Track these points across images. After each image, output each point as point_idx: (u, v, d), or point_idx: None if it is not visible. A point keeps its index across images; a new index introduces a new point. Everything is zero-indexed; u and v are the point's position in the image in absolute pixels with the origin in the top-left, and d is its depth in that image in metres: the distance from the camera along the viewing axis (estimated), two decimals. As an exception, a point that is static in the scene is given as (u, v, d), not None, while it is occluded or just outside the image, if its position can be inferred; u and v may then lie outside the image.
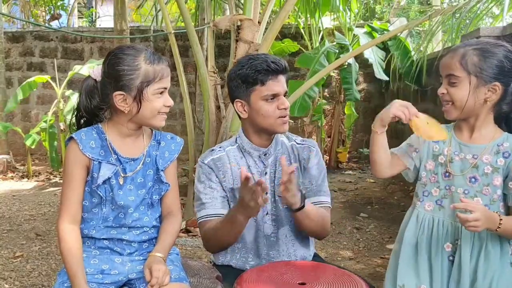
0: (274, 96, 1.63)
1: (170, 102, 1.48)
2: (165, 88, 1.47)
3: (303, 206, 1.58)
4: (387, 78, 5.75)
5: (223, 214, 1.66)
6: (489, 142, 1.48)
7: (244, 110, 1.68)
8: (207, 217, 1.68)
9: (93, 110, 1.49)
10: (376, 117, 1.52)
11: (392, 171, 1.59)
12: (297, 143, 1.77)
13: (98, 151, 1.47)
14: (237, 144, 1.74)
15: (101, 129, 1.51)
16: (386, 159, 1.56)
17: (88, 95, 1.49)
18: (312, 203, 1.70)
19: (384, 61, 5.83)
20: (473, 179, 1.48)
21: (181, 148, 1.60)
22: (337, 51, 5.94)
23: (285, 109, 1.64)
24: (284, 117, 1.65)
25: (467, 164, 1.49)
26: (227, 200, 1.72)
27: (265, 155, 1.71)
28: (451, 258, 1.50)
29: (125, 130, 1.50)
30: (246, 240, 1.72)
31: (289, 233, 1.73)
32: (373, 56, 5.81)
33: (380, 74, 5.76)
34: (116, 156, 1.49)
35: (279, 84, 1.63)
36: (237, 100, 1.68)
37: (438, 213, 1.53)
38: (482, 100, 1.44)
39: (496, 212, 1.42)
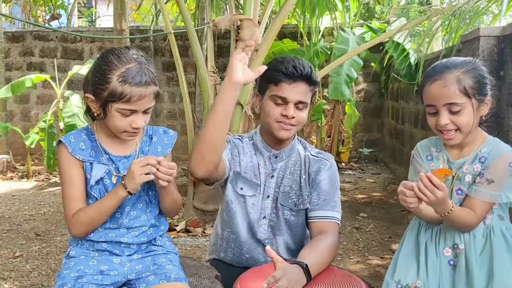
0: (284, 100, 1.58)
1: (138, 124, 1.41)
2: (133, 111, 1.39)
3: (310, 278, 1.45)
4: (348, 97, 5.65)
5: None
6: (471, 153, 1.50)
7: (259, 105, 1.68)
8: None
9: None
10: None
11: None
12: (311, 154, 1.71)
13: (88, 152, 1.47)
14: (253, 141, 1.72)
15: (90, 130, 1.51)
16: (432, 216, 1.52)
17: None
18: (318, 217, 1.65)
19: (383, 64, 5.79)
20: (459, 191, 1.50)
21: (174, 141, 1.58)
22: (328, 51, 5.92)
23: (286, 116, 1.57)
24: (285, 123, 1.59)
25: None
26: (229, 175, 1.68)
27: (275, 157, 1.68)
28: (451, 262, 1.51)
29: (109, 130, 1.48)
30: (241, 233, 1.70)
31: (287, 243, 1.71)
32: (343, 71, 5.56)
33: (341, 95, 5.52)
34: (107, 156, 1.49)
35: (293, 90, 1.57)
36: (257, 93, 1.69)
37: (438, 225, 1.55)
38: (479, 117, 1.47)
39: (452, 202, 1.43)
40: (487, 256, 1.46)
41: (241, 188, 1.69)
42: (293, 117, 1.57)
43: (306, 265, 1.43)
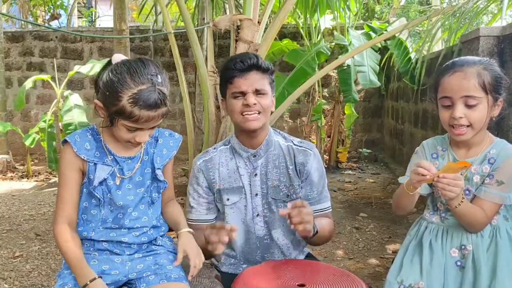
0: (242, 93, 1.62)
1: (142, 139, 1.41)
2: (139, 129, 1.39)
3: (317, 232, 1.58)
4: (379, 84, 5.65)
5: (207, 220, 1.73)
6: (479, 154, 1.50)
7: (224, 108, 1.73)
8: (192, 221, 1.72)
9: None
10: (406, 183, 1.49)
11: (413, 204, 1.57)
12: (294, 144, 1.74)
13: (93, 153, 1.47)
14: (230, 145, 1.75)
15: (96, 130, 1.50)
16: (411, 205, 1.56)
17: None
18: (314, 211, 1.65)
19: (382, 63, 5.79)
20: (467, 191, 1.50)
21: (179, 144, 1.59)
22: (329, 52, 5.92)
23: (247, 105, 1.61)
24: (248, 114, 1.62)
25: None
26: (214, 201, 1.73)
27: (254, 156, 1.70)
28: (459, 263, 1.50)
29: None
30: (237, 244, 1.72)
31: (282, 235, 1.73)
32: (365, 61, 5.59)
33: (370, 83, 5.51)
34: (112, 157, 1.48)
35: (245, 82, 1.62)
36: (222, 99, 1.74)
37: (443, 224, 1.56)
38: (489, 117, 1.46)
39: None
40: (491, 255, 1.46)
41: (228, 199, 1.71)
42: (254, 104, 1.61)
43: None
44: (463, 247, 1.50)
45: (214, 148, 1.78)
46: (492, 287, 1.42)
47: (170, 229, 1.63)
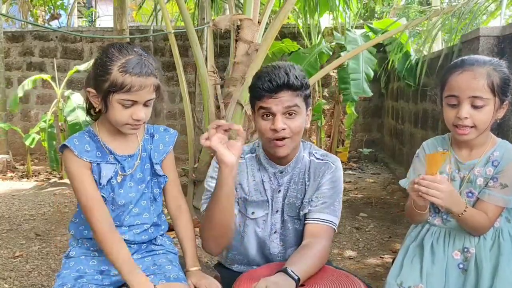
0: (270, 112, 1.50)
1: (139, 116, 1.39)
2: (134, 101, 1.37)
3: (299, 280, 1.40)
4: (370, 94, 5.53)
5: None
6: (482, 155, 1.49)
7: (255, 122, 1.60)
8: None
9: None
10: (411, 204, 1.49)
11: (427, 214, 1.56)
12: (316, 158, 1.64)
13: (94, 153, 1.46)
14: (256, 154, 1.65)
15: (92, 131, 1.49)
16: (425, 216, 1.55)
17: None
18: (314, 218, 1.58)
19: (384, 66, 5.75)
20: (470, 194, 1.49)
21: (175, 139, 1.59)
22: (331, 52, 5.90)
23: (275, 130, 1.49)
24: (276, 140, 1.51)
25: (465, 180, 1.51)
26: (237, 203, 1.63)
27: (281, 173, 1.62)
28: (461, 266, 1.49)
29: (112, 127, 1.46)
30: (249, 253, 1.69)
31: None
32: (360, 68, 5.40)
33: (363, 92, 5.30)
34: (113, 156, 1.48)
35: (274, 101, 1.49)
36: (252, 110, 1.62)
37: (445, 226, 1.55)
38: (494, 119, 1.45)
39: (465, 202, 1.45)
40: (493, 257, 1.46)
41: (253, 213, 1.64)
42: (283, 129, 1.50)
43: (286, 268, 1.40)
44: (465, 249, 1.49)
45: (242, 153, 1.64)
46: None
47: (169, 229, 1.62)
